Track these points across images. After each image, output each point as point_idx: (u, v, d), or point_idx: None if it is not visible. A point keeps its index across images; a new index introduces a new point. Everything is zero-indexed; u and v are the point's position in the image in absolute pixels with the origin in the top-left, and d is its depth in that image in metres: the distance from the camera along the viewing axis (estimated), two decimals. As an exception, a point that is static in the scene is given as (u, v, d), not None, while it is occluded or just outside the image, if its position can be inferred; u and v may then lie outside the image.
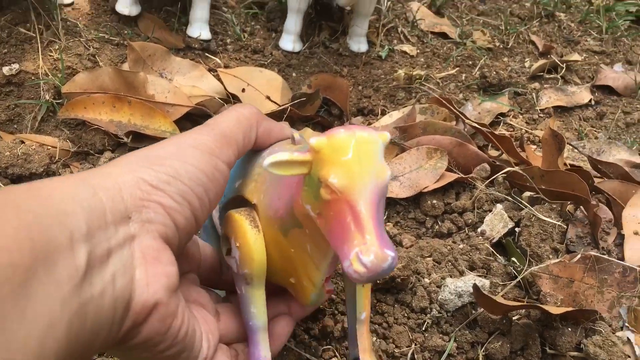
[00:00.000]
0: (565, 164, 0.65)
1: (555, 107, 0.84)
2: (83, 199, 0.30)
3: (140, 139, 0.66)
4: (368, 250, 0.29)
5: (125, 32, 0.83)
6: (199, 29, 0.84)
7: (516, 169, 0.61)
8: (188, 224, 0.34)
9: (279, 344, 0.40)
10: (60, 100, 0.70)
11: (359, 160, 0.31)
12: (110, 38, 0.80)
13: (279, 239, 0.36)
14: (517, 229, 0.58)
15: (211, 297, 0.40)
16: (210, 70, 0.79)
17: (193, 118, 0.70)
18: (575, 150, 0.72)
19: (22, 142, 0.65)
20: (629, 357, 0.46)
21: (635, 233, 0.53)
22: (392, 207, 0.62)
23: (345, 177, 0.30)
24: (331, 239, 0.31)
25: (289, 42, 0.86)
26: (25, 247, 0.25)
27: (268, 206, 0.37)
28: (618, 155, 0.72)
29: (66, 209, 0.28)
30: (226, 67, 0.81)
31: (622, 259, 0.52)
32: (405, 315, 0.50)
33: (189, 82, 0.75)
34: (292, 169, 0.32)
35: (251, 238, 0.36)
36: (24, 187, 0.29)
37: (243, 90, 0.77)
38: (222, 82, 0.77)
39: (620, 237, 0.54)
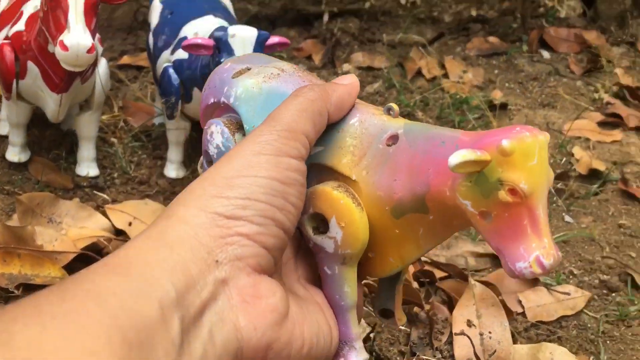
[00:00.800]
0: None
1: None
2: (163, 261, 0.28)
3: (31, 289, 0.71)
4: (548, 254, 0.31)
5: (16, 179, 0.89)
6: (86, 167, 0.91)
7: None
8: (278, 240, 0.32)
9: (360, 315, 0.40)
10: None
11: (541, 165, 0.32)
12: (2, 188, 0.86)
13: (382, 219, 0.36)
14: (371, 335, 0.67)
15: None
16: (98, 207, 0.86)
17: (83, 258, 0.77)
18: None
19: None
20: None
21: (461, 332, 0.63)
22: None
23: (532, 183, 0.31)
24: (499, 238, 0.32)
25: (173, 170, 0.94)
26: (116, 342, 0.24)
27: (375, 185, 0.36)
28: (464, 247, 0.83)
29: (148, 279, 0.27)
30: (114, 201, 0.88)
31: (453, 356, 0.61)
32: None
33: (77, 223, 0.82)
34: (471, 167, 0.32)
35: (357, 218, 0.35)
36: (100, 269, 0.28)
37: (130, 224, 0.84)
38: (109, 219, 0.83)
39: (452, 335, 0.64)
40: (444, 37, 1.51)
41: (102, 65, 0.87)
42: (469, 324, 0.64)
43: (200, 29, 0.84)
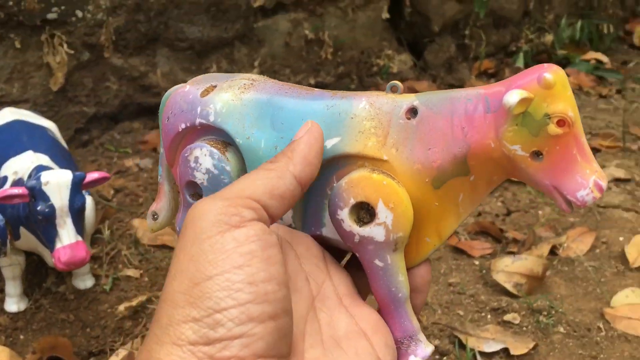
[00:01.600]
0: None
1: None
2: None
3: None
4: (602, 175, 0.32)
5: None
6: None
7: None
8: (270, 331, 0.28)
9: (425, 293, 0.37)
10: None
11: (572, 95, 0.33)
12: None
13: (422, 194, 0.35)
14: None
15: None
16: None
17: None
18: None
19: None
20: None
21: None
22: None
23: (575, 111, 0.32)
24: (553, 173, 0.32)
25: (13, 304, 0.93)
26: None
27: (412, 160, 0.34)
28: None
29: None
30: (-49, 351, 0.86)
31: None
32: None
33: None
34: (525, 106, 0.32)
35: (404, 196, 0.34)
36: None
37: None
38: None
39: None
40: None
41: None
42: None
43: (19, 167, 0.85)
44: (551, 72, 0.32)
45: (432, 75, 1.81)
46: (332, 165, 0.36)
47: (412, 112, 0.35)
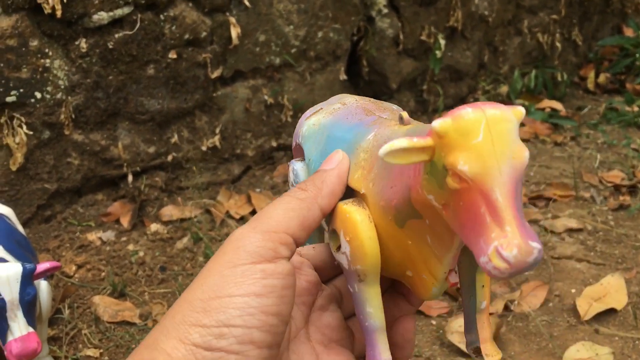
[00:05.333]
0: None
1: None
2: None
3: None
4: (510, 244, 0.26)
5: None
6: None
7: None
8: (261, 358, 0.31)
9: (410, 349, 0.38)
10: None
11: (492, 142, 0.27)
12: None
13: (394, 231, 0.34)
14: None
15: (338, 322, 0.38)
16: None
17: None
18: None
19: None
20: None
21: None
22: None
23: (477, 163, 0.27)
24: (462, 232, 0.28)
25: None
26: None
27: (379, 195, 0.34)
28: None
29: None
30: None
31: None
32: None
33: None
34: (412, 157, 0.29)
35: (362, 231, 0.34)
36: None
37: None
38: None
39: None
40: (251, 169, 1.62)
41: None
42: None
43: (-27, 259, 0.86)
44: (445, 119, 0.28)
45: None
46: (350, 191, 0.37)
47: None
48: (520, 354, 1.06)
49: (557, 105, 2.04)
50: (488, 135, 0.28)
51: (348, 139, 0.38)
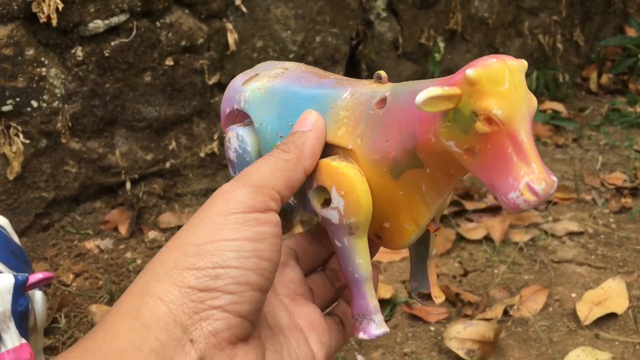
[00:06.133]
0: None
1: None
2: (138, 345, 0.29)
3: None
4: (538, 178, 0.30)
5: None
6: None
7: None
8: (254, 304, 0.32)
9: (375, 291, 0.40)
10: None
11: (515, 89, 0.31)
12: None
13: (384, 183, 0.36)
14: None
15: (304, 282, 0.40)
16: None
17: None
18: None
19: None
20: None
21: None
22: None
23: (507, 108, 0.30)
24: (485, 173, 0.31)
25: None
26: None
27: (371, 149, 0.36)
28: None
29: None
30: None
31: None
32: None
33: None
34: (442, 104, 0.31)
35: (357, 184, 0.35)
36: (80, 348, 0.29)
37: None
38: None
39: None
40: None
41: None
42: None
43: (-33, 269, 0.86)
44: (476, 67, 0.31)
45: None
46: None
47: (383, 102, 0.36)
48: (519, 360, 1.05)
49: (559, 106, 2.03)
50: (512, 83, 0.31)
51: (317, 99, 0.39)
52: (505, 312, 1.15)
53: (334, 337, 0.40)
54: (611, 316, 1.13)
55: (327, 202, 0.37)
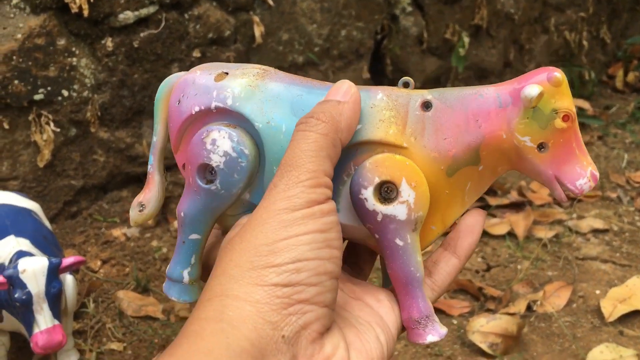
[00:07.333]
0: None
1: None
2: (225, 345, 0.29)
3: None
4: (595, 167, 0.37)
5: None
6: None
7: None
8: (334, 292, 0.33)
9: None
10: None
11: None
12: None
13: (436, 181, 0.37)
14: None
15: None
16: None
17: None
18: None
19: None
20: None
21: None
22: None
23: (574, 108, 0.36)
24: (556, 165, 0.36)
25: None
26: None
27: (428, 147, 0.37)
28: None
29: None
30: None
31: None
32: None
33: None
34: (539, 100, 0.35)
35: (423, 177, 0.36)
36: (165, 355, 0.29)
37: None
38: None
39: None
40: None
41: None
42: None
43: (1, 252, 0.89)
44: (559, 72, 0.36)
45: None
46: (351, 152, 0.37)
47: (426, 105, 0.38)
48: (542, 355, 1.05)
49: (585, 104, 2.01)
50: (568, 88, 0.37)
51: None
52: (529, 308, 1.15)
53: (396, 306, 0.38)
54: (636, 313, 1.12)
55: (387, 200, 0.36)
